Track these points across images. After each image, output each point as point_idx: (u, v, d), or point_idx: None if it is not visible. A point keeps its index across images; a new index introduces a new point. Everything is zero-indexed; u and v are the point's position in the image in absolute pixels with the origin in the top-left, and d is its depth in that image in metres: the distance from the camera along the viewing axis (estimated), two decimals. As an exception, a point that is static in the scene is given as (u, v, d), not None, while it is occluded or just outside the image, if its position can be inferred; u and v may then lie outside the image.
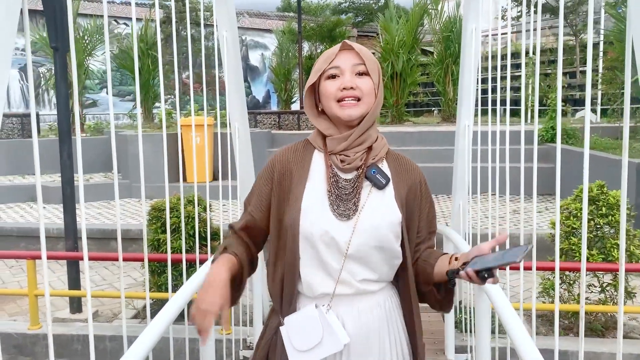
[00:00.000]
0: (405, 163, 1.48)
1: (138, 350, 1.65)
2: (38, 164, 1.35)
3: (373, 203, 1.37)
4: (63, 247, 6.38)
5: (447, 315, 3.78)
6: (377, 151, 1.42)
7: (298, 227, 1.34)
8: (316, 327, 1.34)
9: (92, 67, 13.19)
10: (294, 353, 1.36)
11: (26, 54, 1.29)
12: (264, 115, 13.53)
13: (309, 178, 1.41)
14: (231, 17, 3.34)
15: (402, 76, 13.41)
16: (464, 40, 3.51)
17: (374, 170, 1.39)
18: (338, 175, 1.40)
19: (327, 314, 1.35)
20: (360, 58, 1.38)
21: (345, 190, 1.37)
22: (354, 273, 1.36)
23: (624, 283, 1.29)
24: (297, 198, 1.38)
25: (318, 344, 1.34)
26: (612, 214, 3.88)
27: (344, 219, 1.34)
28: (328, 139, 1.41)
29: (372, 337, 1.38)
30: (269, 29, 20.40)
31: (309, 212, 1.35)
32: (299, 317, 1.38)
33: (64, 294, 5.16)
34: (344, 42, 1.41)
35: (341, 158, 1.39)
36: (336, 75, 1.38)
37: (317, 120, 1.45)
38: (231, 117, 3.60)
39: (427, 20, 13.79)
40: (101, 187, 9.38)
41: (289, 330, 1.38)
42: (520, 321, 1.83)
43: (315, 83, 1.43)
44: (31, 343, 4.43)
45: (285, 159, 1.46)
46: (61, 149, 4.62)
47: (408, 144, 10.47)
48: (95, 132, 11.70)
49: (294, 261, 1.37)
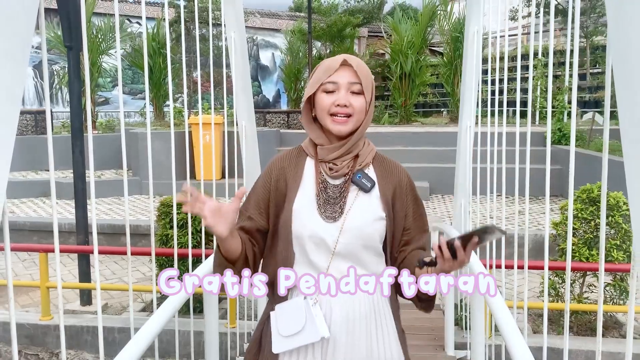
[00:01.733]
0: (390, 165, 1.57)
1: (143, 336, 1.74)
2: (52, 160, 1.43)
3: (359, 205, 1.47)
4: (74, 241, 6.54)
5: (447, 312, 3.85)
6: (363, 158, 1.52)
7: (290, 228, 1.46)
8: (300, 317, 1.44)
9: (105, 66, 13.35)
10: (277, 336, 1.46)
11: (42, 52, 1.38)
12: (273, 114, 13.63)
13: (301, 183, 1.52)
14: (239, 18, 3.43)
15: (411, 77, 13.45)
16: (466, 41, 3.58)
17: (359, 175, 1.50)
18: (327, 181, 1.50)
19: (313, 307, 1.43)
20: (357, 77, 1.46)
21: (332, 196, 1.48)
22: (341, 270, 1.45)
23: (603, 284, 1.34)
24: (290, 201, 1.49)
25: (299, 332, 1.43)
26: (612, 214, 3.93)
27: (331, 220, 1.45)
28: (319, 148, 1.51)
29: (358, 329, 1.46)
30: (280, 28, 20.51)
31: (299, 215, 1.46)
32: (288, 305, 1.48)
33: (74, 286, 5.29)
34: (345, 58, 1.49)
35: (329, 166, 1.50)
36: (332, 91, 1.46)
37: (310, 127, 1.54)
38: (238, 115, 3.69)
39: (436, 22, 13.81)
40: (112, 183, 9.54)
41: (278, 316, 1.48)
42: (512, 318, 1.89)
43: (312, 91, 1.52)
44: (42, 333, 4.56)
45: (281, 165, 1.56)
46: (73, 145, 4.75)
47: (416, 144, 10.52)
48: (107, 129, 11.87)
49: (287, 257, 1.48)
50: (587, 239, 4.08)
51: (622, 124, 1.03)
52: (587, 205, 4.07)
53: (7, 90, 1.05)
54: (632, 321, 1.31)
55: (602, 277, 1.51)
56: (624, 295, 4.06)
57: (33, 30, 1.14)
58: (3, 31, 1.03)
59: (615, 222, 3.95)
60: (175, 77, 12.64)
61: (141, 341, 1.73)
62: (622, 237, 3.97)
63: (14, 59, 1.07)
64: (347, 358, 1.44)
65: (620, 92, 1.02)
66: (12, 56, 1.07)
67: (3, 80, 1.04)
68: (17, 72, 1.08)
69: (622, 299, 4.08)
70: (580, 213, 4.07)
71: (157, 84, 12.60)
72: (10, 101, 1.06)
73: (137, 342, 1.72)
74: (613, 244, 3.92)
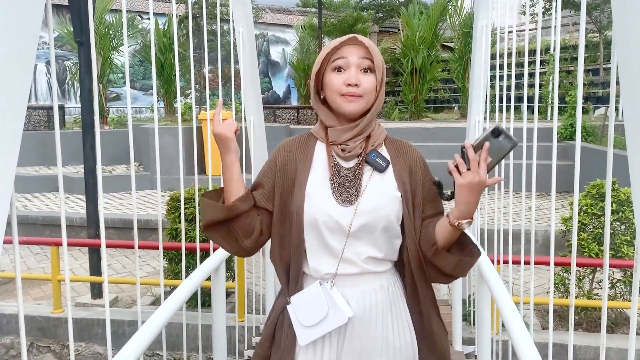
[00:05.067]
0: (403, 146, 1.52)
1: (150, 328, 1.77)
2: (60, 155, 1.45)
3: (374, 186, 1.42)
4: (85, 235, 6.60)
5: (456, 307, 3.84)
6: (375, 138, 1.47)
7: (303, 213, 1.40)
8: (321, 303, 1.40)
9: (116, 62, 13.44)
10: (300, 329, 1.43)
11: (49, 47, 1.40)
12: (283, 110, 13.64)
13: (312, 167, 1.47)
14: (247, 13, 3.44)
15: (422, 72, 13.40)
16: (475, 36, 3.55)
17: (374, 155, 1.44)
18: (340, 164, 1.45)
19: (331, 290, 1.41)
20: (368, 52, 1.41)
21: (347, 179, 1.43)
22: (357, 252, 1.41)
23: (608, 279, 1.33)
24: (301, 186, 1.43)
25: (323, 319, 1.39)
26: (622, 210, 3.90)
27: (347, 204, 1.40)
28: (330, 130, 1.46)
29: (374, 319, 1.42)
30: (291, 24, 20.50)
31: (312, 199, 1.41)
32: (304, 295, 1.44)
33: (84, 279, 5.36)
34: (354, 36, 1.43)
35: (342, 147, 1.44)
36: (342, 68, 1.41)
37: (320, 108, 1.49)
38: (247, 110, 3.70)
39: (448, 17, 13.73)
40: (123, 178, 9.59)
41: (296, 308, 1.44)
42: (518, 314, 1.89)
43: (320, 70, 1.46)
44: (54, 326, 4.62)
45: (289, 148, 1.51)
46: (84, 140, 4.79)
47: (426, 140, 10.48)
48: (118, 124, 11.95)
49: (299, 244, 1.43)
50: (596, 234, 4.05)
51: (627, 119, 1.02)
52: (597, 200, 4.05)
53: (16, 85, 1.07)
54: (635, 316, 1.30)
55: (606, 272, 1.50)
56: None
57: (40, 25, 1.15)
58: (12, 25, 1.05)
59: (625, 217, 3.92)
60: (187, 72, 12.68)
61: (147, 333, 1.76)
62: (632, 232, 3.94)
63: (22, 54, 1.09)
64: (364, 345, 1.42)
65: (625, 88, 1.01)
66: (21, 50, 1.09)
67: (12, 75, 1.06)
68: (26, 67, 1.10)
69: (634, 295, 4.05)
70: (590, 209, 4.04)
71: (168, 80, 12.66)
72: (19, 96, 1.08)
73: (144, 333, 1.74)
74: (623, 239, 3.89)
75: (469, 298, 4.21)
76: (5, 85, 1.00)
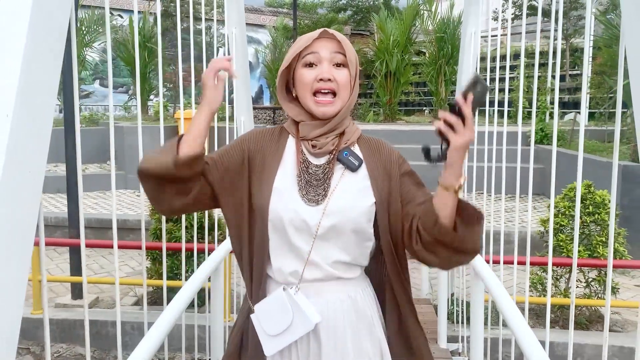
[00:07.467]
0: (377, 144, 1.44)
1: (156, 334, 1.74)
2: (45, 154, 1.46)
3: (345, 186, 1.35)
4: (60, 235, 6.49)
5: (441, 305, 3.94)
6: (349, 136, 1.40)
7: (267, 210, 1.32)
8: (286, 311, 1.32)
9: (88, 58, 13.20)
10: (266, 338, 1.35)
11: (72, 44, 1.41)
12: (259, 110, 13.64)
13: (281, 163, 1.39)
14: (240, 14, 3.47)
15: (396, 75, 13.57)
16: (463, 43, 3.65)
17: (346, 153, 1.37)
18: (308, 160, 1.38)
19: (296, 295, 1.32)
20: (341, 46, 1.35)
21: (315, 176, 1.36)
22: (325, 256, 1.33)
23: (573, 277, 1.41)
24: (268, 182, 1.36)
25: (289, 327, 1.32)
26: (598, 212, 4.07)
27: (313, 204, 1.32)
28: (301, 124, 1.39)
29: (341, 327, 1.36)
30: (263, 24, 20.46)
31: (278, 196, 1.33)
32: (268, 303, 1.35)
33: (62, 279, 5.27)
34: (325, 30, 1.36)
35: (312, 143, 1.37)
36: (313, 64, 1.35)
37: (289, 106, 1.42)
38: (237, 110, 3.72)
39: (419, 21, 13.92)
40: (97, 177, 9.44)
41: (260, 317, 1.35)
42: (519, 311, 1.98)
43: (291, 66, 1.39)
44: (34, 327, 4.53)
45: (260, 137, 1.44)
46: (67, 139, 4.73)
47: (402, 142, 10.61)
48: (90, 122, 11.74)
49: (263, 244, 1.35)
50: (574, 235, 4.21)
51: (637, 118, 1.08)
52: (574, 203, 4.21)
53: (46, 83, 1.10)
54: (608, 313, 1.39)
55: (574, 272, 1.60)
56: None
57: (67, 24, 1.18)
58: (44, 26, 1.07)
59: (601, 219, 4.09)
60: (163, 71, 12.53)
61: (153, 339, 1.71)
62: (607, 234, 4.12)
63: (53, 52, 1.12)
64: (339, 349, 1.35)
65: (635, 87, 1.04)
66: (52, 50, 1.11)
67: (44, 73, 1.09)
68: (55, 65, 1.13)
69: (612, 294, 4.23)
70: (568, 210, 4.20)
71: (142, 77, 12.49)
72: (49, 93, 1.11)
73: (149, 340, 1.67)
74: (599, 240, 4.06)
75: (451, 296, 4.32)
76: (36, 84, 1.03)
